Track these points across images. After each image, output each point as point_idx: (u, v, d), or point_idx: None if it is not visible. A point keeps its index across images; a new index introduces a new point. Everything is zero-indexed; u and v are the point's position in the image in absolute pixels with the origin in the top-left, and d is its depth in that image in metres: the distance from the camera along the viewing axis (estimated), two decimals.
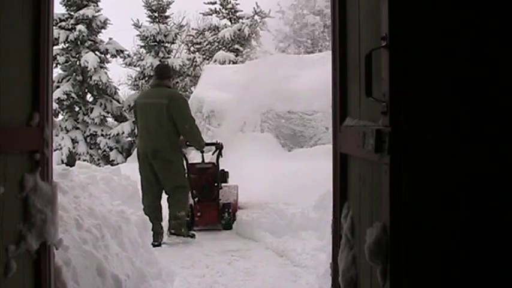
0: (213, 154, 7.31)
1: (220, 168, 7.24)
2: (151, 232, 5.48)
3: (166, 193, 6.39)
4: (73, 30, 14.66)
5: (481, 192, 1.87)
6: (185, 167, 6.63)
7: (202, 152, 6.99)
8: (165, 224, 6.43)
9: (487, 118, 1.87)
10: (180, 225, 6.31)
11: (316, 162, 7.85)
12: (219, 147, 7.17)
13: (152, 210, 6.10)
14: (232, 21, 20.37)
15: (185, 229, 6.39)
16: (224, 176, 7.25)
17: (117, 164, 12.90)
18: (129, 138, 14.75)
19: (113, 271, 3.56)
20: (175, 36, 15.83)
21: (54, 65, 14.01)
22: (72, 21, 14.77)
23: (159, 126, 6.15)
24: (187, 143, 6.60)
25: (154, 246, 5.76)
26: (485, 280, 1.87)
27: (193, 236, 6.52)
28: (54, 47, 11.43)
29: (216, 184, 7.11)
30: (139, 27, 15.40)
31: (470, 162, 1.87)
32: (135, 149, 7.08)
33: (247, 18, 20.01)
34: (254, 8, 19.98)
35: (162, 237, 6.26)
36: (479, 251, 1.87)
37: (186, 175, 6.64)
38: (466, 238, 1.87)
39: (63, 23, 14.77)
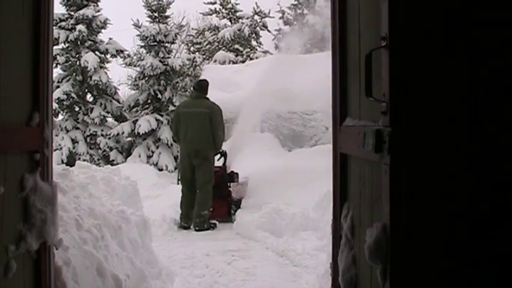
0: (218, 160, 8.20)
1: (230, 169, 8.40)
2: (183, 217, 7.53)
3: (196, 188, 7.56)
4: (73, 30, 14.62)
5: (482, 192, 1.87)
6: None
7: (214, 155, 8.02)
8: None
9: (487, 118, 1.87)
10: (202, 223, 7.45)
11: (316, 162, 7.86)
12: (223, 154, 8.33)
13: (188, 199, 7.57)
14: (232, 21, 20.37)
15: (207, 223, 7.50)
16: (233, 177, 8.27)
17: (117, 164, 12.88)
18: (129, 138, 14.73)
19: (113, 271, 3.56)
20: (175, 36, 15.77)
21: (54, 65, 13.98)
22: (72, 21, 14.73)
23: (202, 131, 7.55)
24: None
25: (185, 228, 7.46)
26: (486, 280, 1.87)
27: (215, 226, 7.58)
28: (54, 47, 11.42)
29: (225, 184, 8.19)
30: (140, 27, 15.35)
31: (471, 162, 1.87)
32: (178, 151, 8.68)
33: (247, 18, 20.00)
34: (254, 8, 20.00)
35: (192, 221, 7.49)
36: (479, 251, 1.87)
37: None
38: (467, 238, 1.87)
39: (63, 23, 14.73)
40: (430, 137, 1.86)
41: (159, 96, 14.68)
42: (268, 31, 19.99)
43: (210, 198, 7.58)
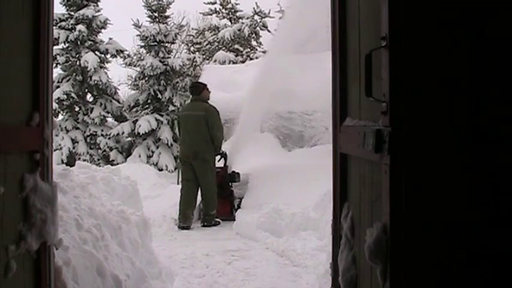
0: (218, 161, 8.33)
1: (232, 169, 8.56)
2: (181, 217, 7.61)
3: (201, 190, 7.84)
4: (73, 30, 14.62)
5: (482, 192, 1.87)
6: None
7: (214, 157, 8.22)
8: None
9: (487, 118, 1.87)
10: (210, 220, 7.87)
11: (316, 162, 7.85)
12: (223, 155, 8.43)
13: (187, 200, 7.74)
14: (232, 21, 20.36)
15: (214, 221, 7.89)
16: (234, 176, 8.45)
17: (117, 164, 12.88)
18: (129, 138, 14.73)
19: (113, 271, 3.56)
20: (175, 36, 15.77)
21: (54, 65, 13.99)
22: (72, 21, 14.74)
23: (199, 133, 7.78)
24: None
25: (183, 228, 7.54)
26: (486, 280, 1.87)
27: (218, 223, 7.90)
28: (54, 47, 11.41)
29: (227, 184, 8.41)
30: (140, 27, 15.35)
31: (471, 162, 1.87)
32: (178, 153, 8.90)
33: (247, 18, 20.00)
34: (254, 8, 19.99)
35: (191, 221, 7.72)
36: (479, 251, 1.87)
37: None
38: (467, 238, 1.87)
39: (63, 23, 14.74)
40: (430, 137, 1.86)
41: (159, 96, 14.68)
42: (268, 31, 19.95)
43: (216, 198, 7.93)
